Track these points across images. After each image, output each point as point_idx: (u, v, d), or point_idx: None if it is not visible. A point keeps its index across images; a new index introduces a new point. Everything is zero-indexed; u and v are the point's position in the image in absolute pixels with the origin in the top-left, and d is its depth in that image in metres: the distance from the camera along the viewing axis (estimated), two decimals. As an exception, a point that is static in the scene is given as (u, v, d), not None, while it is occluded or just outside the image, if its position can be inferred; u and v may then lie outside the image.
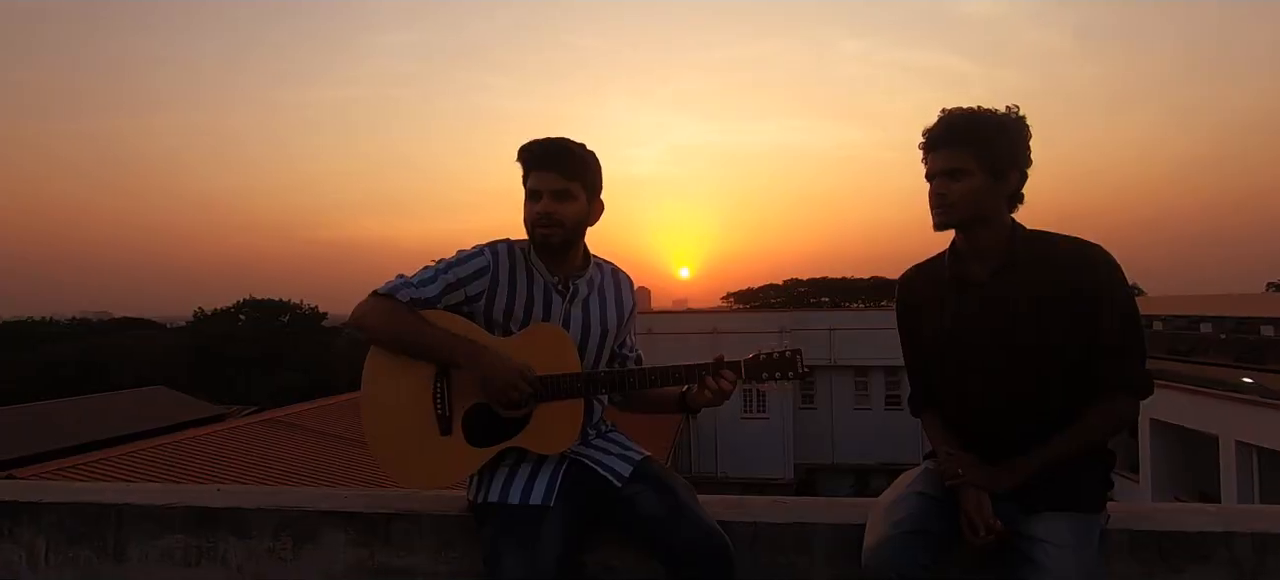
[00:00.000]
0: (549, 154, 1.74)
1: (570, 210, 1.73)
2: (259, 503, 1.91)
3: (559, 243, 1.74)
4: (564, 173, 1.73)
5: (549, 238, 1.73)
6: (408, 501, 1.88)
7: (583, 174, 1.76)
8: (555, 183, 1.72)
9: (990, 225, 1.67)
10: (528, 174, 1.75)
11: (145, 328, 59.38)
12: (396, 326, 1.65)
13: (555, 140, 1.76)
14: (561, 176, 1.72)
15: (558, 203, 1.72)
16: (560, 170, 1.73)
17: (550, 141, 1.75)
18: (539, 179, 1.73)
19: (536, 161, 1.74)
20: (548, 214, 1.71)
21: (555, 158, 1.73)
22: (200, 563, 1.89)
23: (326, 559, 1.84)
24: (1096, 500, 1.57)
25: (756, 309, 50.87)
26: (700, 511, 1.65)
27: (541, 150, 1.74)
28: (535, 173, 1.74)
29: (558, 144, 1.75)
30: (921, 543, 1.51)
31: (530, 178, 1.75)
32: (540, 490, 1.65)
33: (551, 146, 1.74)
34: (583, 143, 1.80)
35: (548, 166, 1.73)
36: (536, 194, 1.73)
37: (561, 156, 1.74)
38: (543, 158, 1.74)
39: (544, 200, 1.72)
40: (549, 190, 1.72)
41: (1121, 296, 1.60)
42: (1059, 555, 1.45)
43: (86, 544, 1.94)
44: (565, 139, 1.77)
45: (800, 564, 1.71)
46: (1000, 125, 1.62)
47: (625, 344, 1.93)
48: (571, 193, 1.73)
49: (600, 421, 1.85)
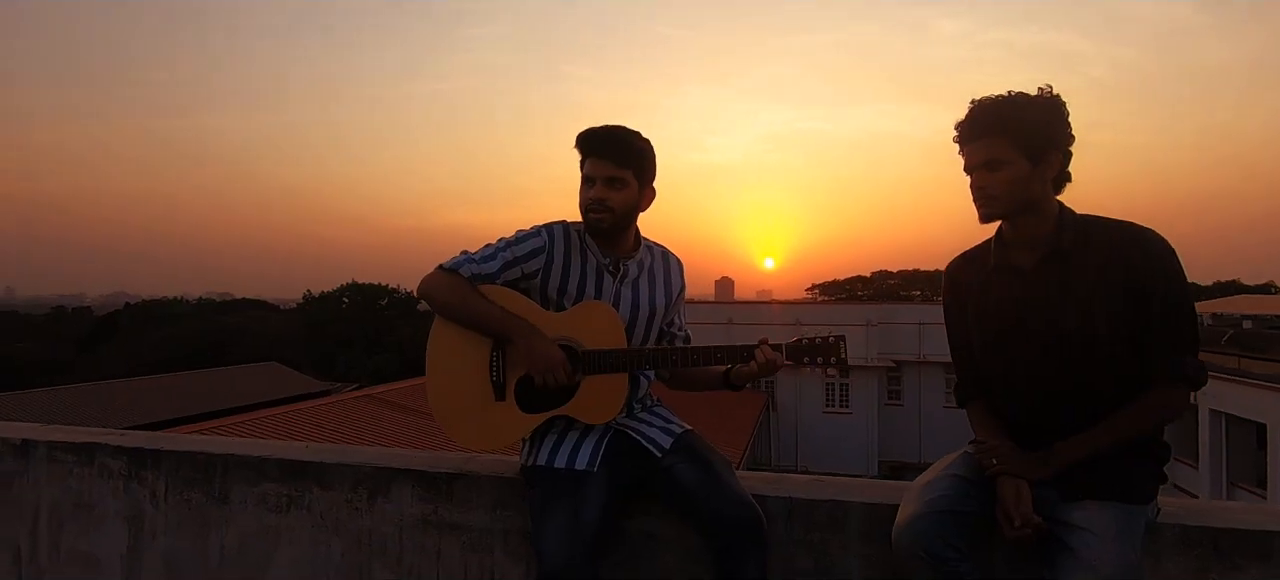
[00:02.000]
0: (604, 142, 1.83)
1: (621, 196, 1.82)
2: (339, 459, 2.12)
3: (609, 227, 1.83)
4: (617, 161, 1.82)
5: (600, 222, 1.82)
6: (469, 463, 2.04)
7: (635, 162, 1.84)
8: (609, 170, 1.81)
9: (1036, 211, 1.64)
10: (584, 160, 1.85)
11: (260, 308, 64.08)
12: (459, 300, 1.79)
13: (612, 129, 1.85)
14: (615, 164, 1.81)
15: (610, 189, 1.81)
16: (614, 158, 1.82)
17: (606, 130, 1.84)
18: (594, 166, 1.82)
19: (592, 149, 1.83)
20: (600, 200, 1.81)
21: (610, 146, 1.82)
22: (289, 509, 2.12)
23: (396, 512, 2.03)
24: (1143, 491, 1.52)
25: (842, 301, 49.53)
26: (735, 484, 1.72)
27: (597, 138, 1.83)
28: (590, 159, 1.83)
29: (613, 133, 1.84)
30: (952, 523, 1.52)
31: (586, 164, 1.84)
32: (584, 457, 1.76)
33: (607, 135, 1.83)
34: (638, 131, 1.88)
35: (602, 154, 1.82)
36: (591, 180, 1.82)
37: (616, 145, 1.82)
38: (598, 145, 1.83)
39: (597, 186, 1.81)
40: (602, 177, 1.81)
41: (1175, 285, 1.54)
42: (1098, 545, 1.43)
43: (197, 488, 2.21)
44: (622, 128, 1.86)
45: (834, 540, 1.74)
46: (1034, 107, 1.59)
47: (674, 323, 2.00)
48: (624, 180, 1.82)
49: (646, 396, 1.94)
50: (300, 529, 2.11)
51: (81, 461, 2.33)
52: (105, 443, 2.34)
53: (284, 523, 2.12)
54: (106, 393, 23.46)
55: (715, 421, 22.29)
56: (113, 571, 2.26)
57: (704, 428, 1.90)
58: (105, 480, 2.30)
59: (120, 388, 24.74)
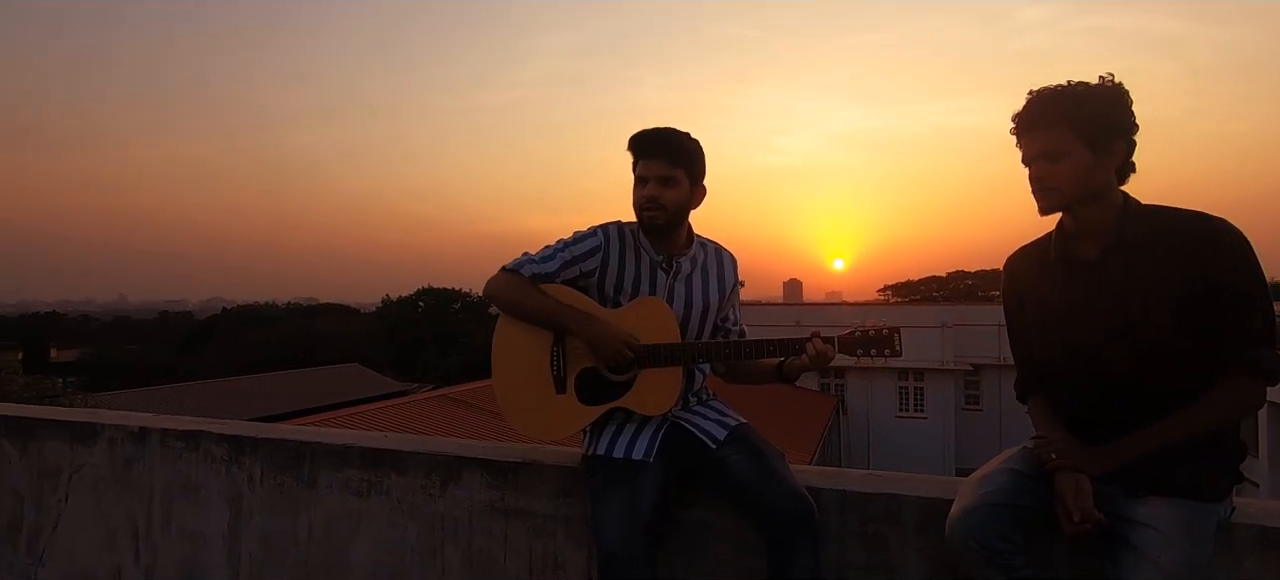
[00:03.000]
0: (657, 143, 1.90)
1: (673, 195, 1.89)
2: (415, 447, 2.26)
3: (663, 224, 1.90)
4: (670, 160, 1.89)
5: (654, 219, 1.90)
6: (533, 454, 2.14)
7: (686, 162, 1.91)
8: (661, 170, 1.88)
9: (1100, 202, 1.61)
10: (637, 161, 1.93)
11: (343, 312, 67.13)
12: (520, 298, 1.90)
13: (663, 130, 1.92)
14: (668, 164, 1.88)
15: (663, 188, 1.88)
16: (666, 158, 1.89)
17: (658, 131, 1.92)
18: (646, 166, 1.90)
19: (645, 150, 1.91)
20: (654, 198, 1.88)
21: (662, 147, 1.90)
22: (370, 494, 2.28)
23: (466, 498, 2.15)
24: (1214, 489, 1.47)
25: (915, 302, 47.96)
26: (788, 476, 1.75)
27: (650, 139, 1.91)
28: (643, 161, 1.91)
29: (665, 134, 1.91)
30: (1007, 517, 1.51)
31: (639, 165, 1.92)
32: (641, 447, 1.83)
33: (659, 136, 1.91)
34: (688, 133, 1.94)
35: (655, 155, 1.89)
36: (644, 179, 1.90)
37: (668, 145, 1.90)
38: (651, 147, 1.90)
39: (650, 185, 1.88)
40: (655, 177, 1.88)
41: (1246, 275, 1.48)
42: (1163, 542, 1.40)
43: (288, 473, 2.40)
44: (672, 129, 1.93)
45: (891, 533, 1.75)
46: (1096, 95, 1.56)
47: (728, 318, 2.06)
48: (675, 179, 1.89)
49: (702, 389, 2.00)
50: (379, 512, 2.26)
51: (189, 447, 2.56)
52: (209, 431, 2.57)
53: (365, 506, 2.28)
54: (207, 392, 25.15)
55: (784, 423, 22.02)
56: (216, 547, 2.48)
57: (772, 429, 1.94)
58: (209, 464, 2.52)
59: (218, 387, 26.47)
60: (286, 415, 15.62)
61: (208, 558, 2.49)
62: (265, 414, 18.92)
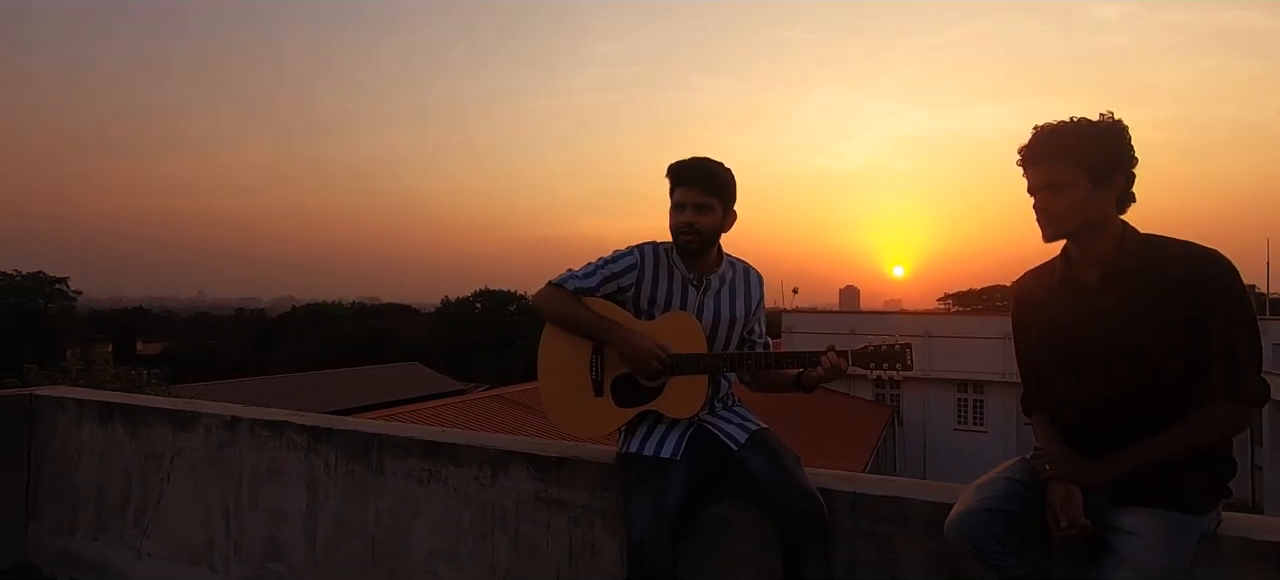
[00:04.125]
0: (694, 173, 2.10)
1: (707, 220, 2.08)
2: (469, 441, 2.51)
3: (697, 247, 2.10)
4: (706, 189, 2.08)
5: (690, 243, 2.09)
6: (574, 451, 2.36)
7: (720, 190, 2.10)
8: (698, 197, 2.07)
9: (1100, 231, 1.72)
10: (675, 188, 2.12)
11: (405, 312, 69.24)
12: (564, 310, 2.12)
13: (699, 161, 2.11)
14: (703, 192, 2.08)
15: (698, 214, 2.07)
16: (703, 187, 2.08)
17: (696, 161, 2.11)
18: (684, 194, 2.09)
19: (683, 179, 2.10)
20: (690, 223, 2.07)
21: (699, 176, 2.09)
22: (429, 482, 2.54)
23: (514, 488, 2.38)
24: (1197, 501, 1.57)
25: (976, 311, 46.45)
26: (802, 478, 1.92)
27: (688, 169, 2.11)
28: (681, 188, 2.11)
29: (701, 164, 2.11)
30: (1001, 521, 1.64)
31: (676, 192, 2.12)
32: (669, 447, 2.02)
33: (696, 166, 2.10)
34: (722, 162, 2.13)
35: (692, 183, 2.09)
36: (681, 206, 2.09)
37: (704, 175, 2.09)
38: (688, 176, 2.10)
39: (687, 212, 2.08)
40: (692, 203, 2.08)
41: (1235, 304, 1.58)
42: (1143, 548, 1.51)
43: (358, 461, 2.68)
44: (708, 159, 2.12)
45: (898, 534, 1.89)
46: (1098, 131, 1.68)
47: (754, 331, 2.23)
48: (710, 206, 2.08)
49: (728, 395, 2.18)
50: (438, 499, 2.52)
51: (274, 435, 2.88)
52: (291, 421, 2.88)
53: (425, 493, 2.54)
54: (279, 386, 26.48)
55: (837, 433, 21.76)
56: (295, 525, 2.78)
57: (827, 440, 2.09)
58: (291, 451, 2.83)
59: (288, 381, 27.82)
60: (351, 410, 16.40)
61: (288, 534, 2.80)
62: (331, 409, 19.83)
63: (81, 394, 3.64)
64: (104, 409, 3.34)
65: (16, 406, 3.53)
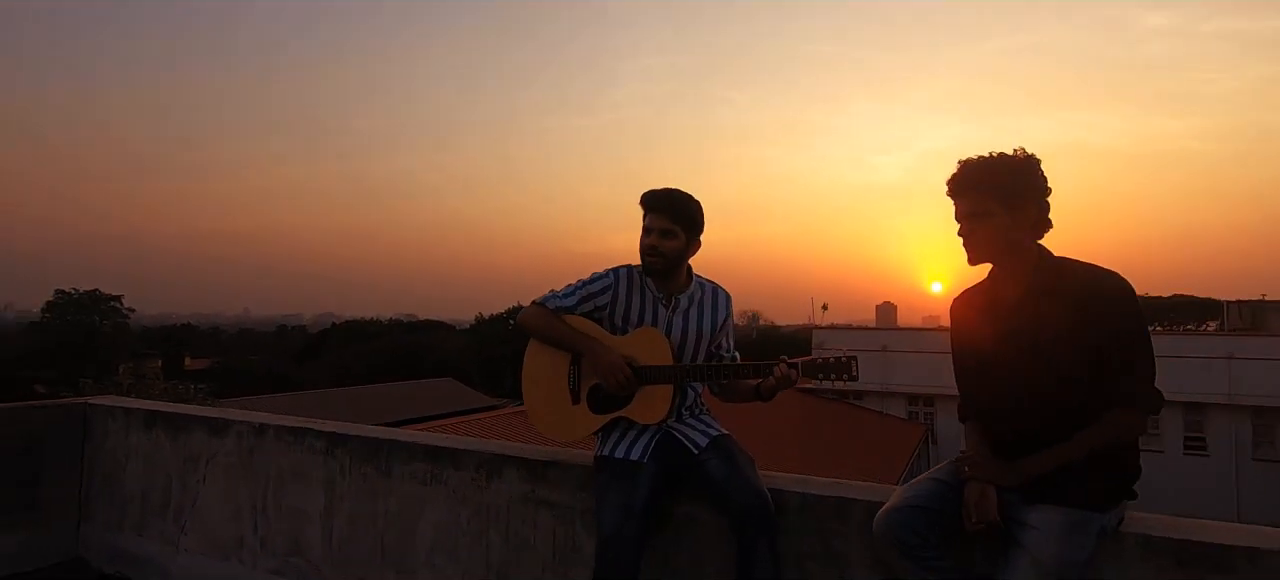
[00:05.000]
0: (662, 202, 2.32)
1: (671, 245, 2.30)
2: (466, 446, 2.76)
3: (660, 269, 2.32)
4: (671, 217, 2.31)
5: (653, 265, 2.31)
6: (559, 454, 2.59)
7: (685, 220, 2.32)
8: (664, 224, 2.30)
9: (1017, 254, 1.90)
10: (645, 214, 2.35)
11: (441, 329, 70.41)
12: (546, 326, 2.35)
13: (669, 191, 2.34)
14: (669, 220, 2.30)
15: (662, 239, 2.30)
16: (669, 215, 2.31)
17: (665, 192, 2.33)
18: (652, 220, 2.32)
19: (653, 206, 2.33)
20: (654, 247, 2.30)
21: (666, 205, 2.31)
22: (432, 483, 2.79)
23: (507, 489, 2.62)
24: (1095, 499, 1.73)
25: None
26: (754, 479, 2.11)
27: (658, 198, 2.33)
28: (651, 214, 2.33)
29: (670, 194, 2.33)
30: (922, 518, 1.82)
31: (646, 217, 2.34)
32: (638, 450, 2.24)
33: (665, 196, 2.33)
34: (690, 194, 2.35)
35: (660, 211, 2.31)
36: (649, 230, 2.32)
37: (671, 205, 2.31)
38: (657, 204, 2.32)
39: (653, 236, 2.30)
40: (658, 229, 2.30)
41: (1129, 320, 1.75)
42: (1041, 540, 1.68)
43: (370, 464, 2.95)
44: (678, 190, 2.34)
45: (840, 529, 2.08)
46: (1012, 166, 1.86)
47: (722, 345, 2.44)
48: (674, 233, 2.30)
49: (695, 404, 2.39)
50: (440, 499, 2.77)
51: (296, 441, 3.17)
52: (311, 428, 3.17)
53: (428, 493, 2.79)
54: (318, 401, 27.28)
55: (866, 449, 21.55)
56: (314, 522, 3.06)
57: (858, 456, 2.24)
58: (311, 455, 3.12)
59: (327, 396, 28.63)
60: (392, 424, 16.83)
61: (308, 531, 3.08)
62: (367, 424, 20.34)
63: (129, 403, 4.00)
64: (149, 417, 3.68)
65: (73, 415, 3.90)
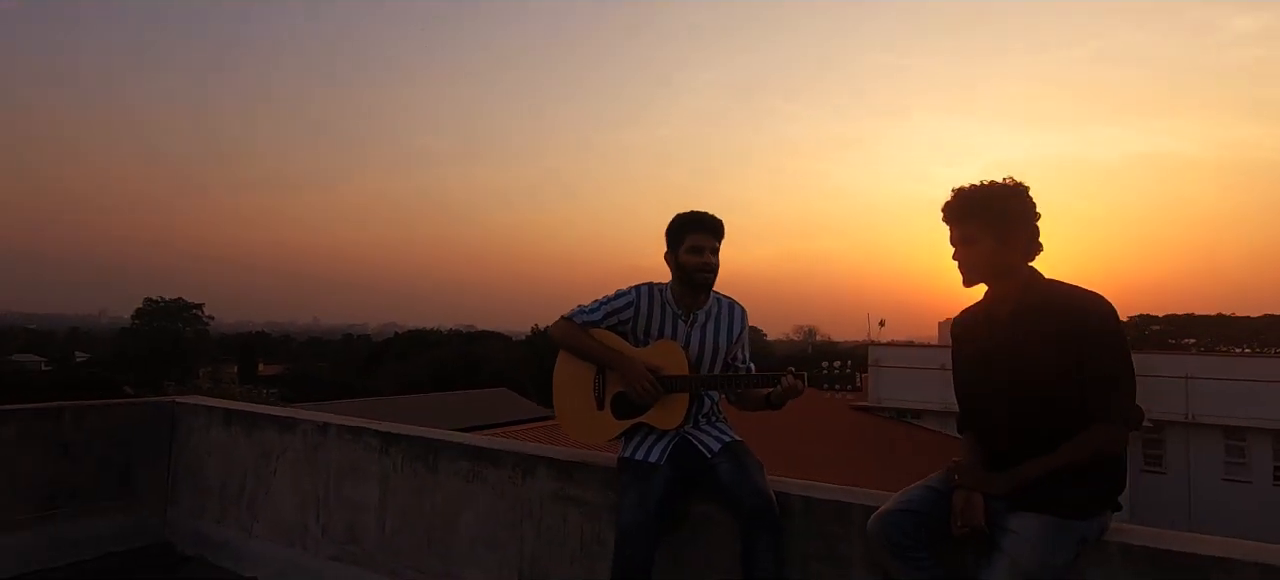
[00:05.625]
0: (715, 225, 2.51)
1: (717, 262, 2.51)
2: (504, 447, 3.01)
3: (710, 283, 2.51)
4: (718, 237, 2.52)
5: (707, 280, 2.50)
6: (586, 456, 2.80)
7: (721, 237, 2.53)
8: (713, 244, 2.50)
9: (1008, 277, 2.02)
10: (692, 234, 2.49)
11: (499, 339, 71.90)
12: (573, 340, 2.58)
13: (713, 215, 2.53)
14: (717, 239, 2.51)
15: (714, 256, 2.50)
16: (718, 236, 2.52)
17: (713, 217, 2.52)
18: (703, 239, 2.48)
19: (706, 228, 2.50)
20: (710, 264, 2.49)
21: (718, 228, 2.52)
22: (474, 481, 3.04)
23: (539, 487, 2.85)
24: (1076, 508, 1.83)
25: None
26: (759, 482, 2.28)
27: (708, 220, 2.51)
28: (701, 234, 2.49)
29: (716, 218, 2.52)
30: (912, 520, 1.96)
31: (695, 238, 2.48)
32: (656, 453, 2.43)
33: (717, 220, 2.52)
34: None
35: (711, 232, 2.50)
36: (700, 249, 2.48)
37: (720, 227, 2.52)
38: (709, 225, 2.51)
39: (706, 254, 2.49)
40: (709, 247, 2.49)
41: (1111, 340, 1.85)
42: (1021, 545, 1.79)
43: (420, 462, 3.23)
44: (714, 215, 2.53)
45: (839, 531, 2.22)
46: (1000, 195, 1.99)
47: (738, 357, 2.62)
48: (717, 250, 2.51)
49: (711, 412, 2.57)
50: (480, 495, 3.02)
51: (354, 439, 3.48)
52: (368, 427, 3.48)
53: (470, 490, 3.05)
54: (380, 407, 28.32)
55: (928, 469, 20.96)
56: (370, 513, 3.36)
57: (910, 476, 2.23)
58: (367, 452, 3.42)
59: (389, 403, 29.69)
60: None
61: (364, 520, 3.38)
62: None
63: (211, 402, 4.42)
64: (227, 415, 4.08)
65: (162, 412, 4.35)
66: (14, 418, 3.82)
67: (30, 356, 69.95)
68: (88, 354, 73.36)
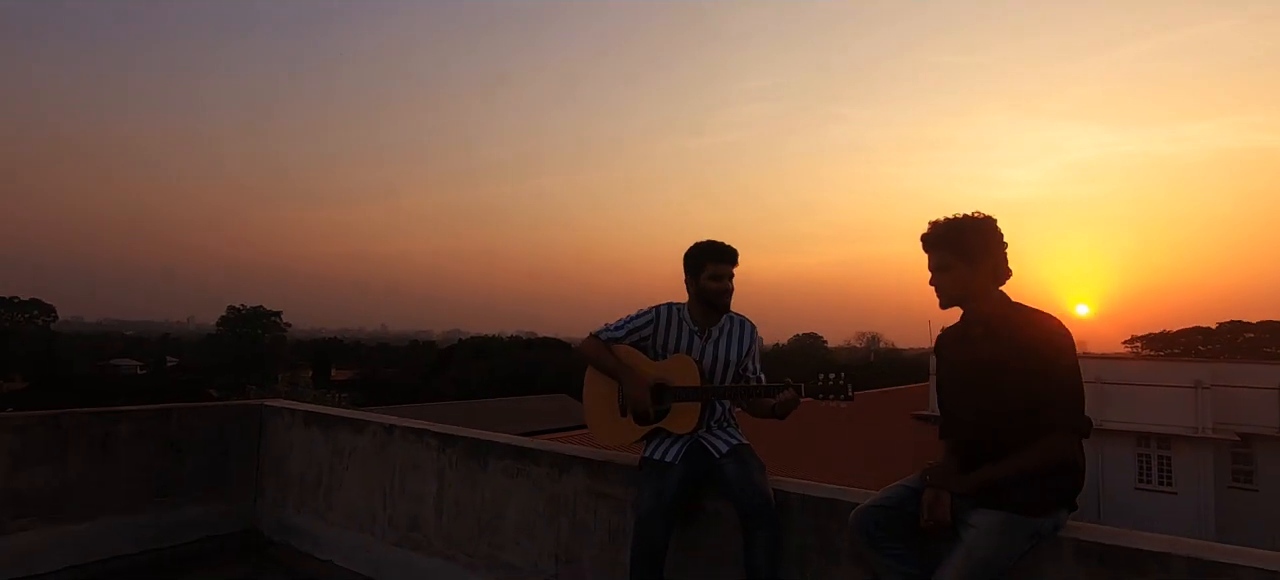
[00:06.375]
0: (730, 253, 2.84)
1: (733, 284, 2.83)
2: (544, 448, 3.39)
3: (728, 305, 2.84)
4: (734, 262, 2.85)
5: (727, 301, 2.84)
6: (615, 456, 3.15)
7: (737, 263, 2.85)
8: (731, 269, 2.84)
9: (979, 299, 2.28)
10: (715, 263, 2.82)
11: (557, 346, 73.14)
12: (597, 356, 2.93)
13: (728, 244, 2.85)
14: (734, 264, 2.84)
15: (731, 280, 2.83)
16: (734, 262, 2.85)
17: (726, 245, 2.85)
18: (721, 267, 2.82)
19: (722, 257, 2.83)
20: (728, 289, 2.83)
21: (733, 256, 2.85)
22: (517, 477, 3.43)
23: (574, 483, 3.21)
24: (1029, 507, 2.06)
25: (1167, 357, 41.25)
26: (760, 481, 2.58)
27: (725, 250, 2.84)
28: (723, 264, 2.83)
29: (731, 247, 2.85)
30: (886, 514, 2.22)
31: (717, 266, 2.82)
32: (671, 454, 2.76)
33: (729, 248, 2.85)
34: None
35: (728, 260, 2.84)
36: (721, 277, 2.82)
37: (735, 254, 2.86)
38: (727, 255, 2.84)
39: (726, 280, 2.83)
40: (727, 274, 2.83)
41: (1064, 358, 2.08)
42: (977, 537, 2.05)
43: (473, 460, 3.65)
44: (729, 244, 2.86)
45: (832, 525, 2.49)
46: (968, 227, 2.24)
47: (748, 369, 2.92)
48: (733, 274, 2.83)
49: (723, 418, 2.88)
50: (523, 490, 3.40)
51: (417, 439, 3.93)
52: (429, 429, 3.92)
53: (514, 485, 3.44)
54: (443, 412, 29.46)
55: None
56: (429, 505, 3.79)
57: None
58: (427, 451, 3.86)
59: (452, 408, 30.82)
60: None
61: (424, 511, 3.81)
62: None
63: (293, 405, 4.97)
64: (308, 416, 4.61)
65: (251, 413, 4.92)
66: (131, 418, 4.43)
67: (127, 361, 75.24)
68: (177, 358, 78.37)
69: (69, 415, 4.18)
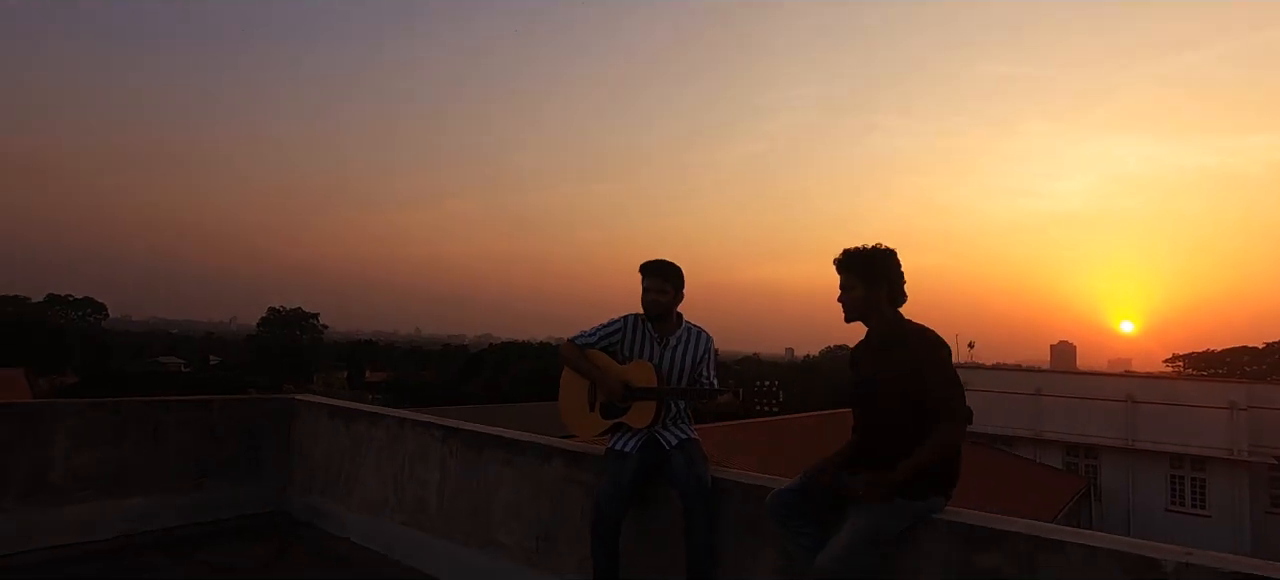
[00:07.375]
0: (659, 269, 3.29)
1: (665, 299, 3.28)
2: (530, 439, 3.86)
3: (659, 315, 3.29)
4: (664, 279, 3.29)
5: (657, 311, 3.28)
6: (588, 449, 3.60)
7: (674, 281, 3.29)
8: (660, 285, 3.28)
9: (876, 317, 2.69)
10: (646, 279, 3.31)
11: (585, 353, 73.72)
12: (573, 359, 3.39)
13: (663, 261, 3.30)
14: (663, 282, 3.28)
15: (660, 295, 3.28)
16: (662, 278, 3.29)
17: (660, 262, 3.30)
18: (652, 283, 3.29)
19: (652, 273, 3.29)
20: (656, 301, 3.28)
21: (661, 272, 3.29)
22: (507, 465, 3.91)
23: (554, 470, 3.68)
24: (912, 491, 2.45)
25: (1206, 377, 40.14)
26: (700, 469, 3.01)
27: (654, 266, 3.29)
28: (649, 278, 3.29)
29: (663, 265, 3.29)
30: (792, 496, 2.65)
31: (647, 280, 3.29)
32: (629, 445, 3.21)
33: (660, 265, 3.29)
34: (675, 263, 3.31)
35: (655, 276, 3.29)
36: (649, 290, 3.28)
37: (664, 271, 3.30)
38: (655, 270, 3.30)
39: (652, 294, 3.28)
40: (656, 288, 3.28)
41: (946, 363, 2.49)
42: (861, 513, 2.46)
43: (471, 450, 4.13)
44: (666, 261, 3.30)
45: (761, 509, 2.90)
46: (872, 255, 2.66)
47: (702, 375, 3.35)
48: (666, 290, 3.28)
49: (678, 416, 3.31)
50: (511, 477, 3.88)
51: (423, 431, 4.44)
52: (433, 422, 4.42)
53: (504, 473, 3.92)
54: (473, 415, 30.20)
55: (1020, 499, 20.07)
56: (432, 490, 4.29)
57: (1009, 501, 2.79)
58: (432, 442, 4.36)
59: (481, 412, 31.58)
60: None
61: (428, 496, 4.31)
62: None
63: (318, 400, 5.54)
64: (331, 410, 5.16)
65: (284, 406, 5.49)
66: (176, 407, 5.02)
67: (172, 358, 78.12)
68: (219, 357, 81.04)
69: (127, 403, 4.79)
